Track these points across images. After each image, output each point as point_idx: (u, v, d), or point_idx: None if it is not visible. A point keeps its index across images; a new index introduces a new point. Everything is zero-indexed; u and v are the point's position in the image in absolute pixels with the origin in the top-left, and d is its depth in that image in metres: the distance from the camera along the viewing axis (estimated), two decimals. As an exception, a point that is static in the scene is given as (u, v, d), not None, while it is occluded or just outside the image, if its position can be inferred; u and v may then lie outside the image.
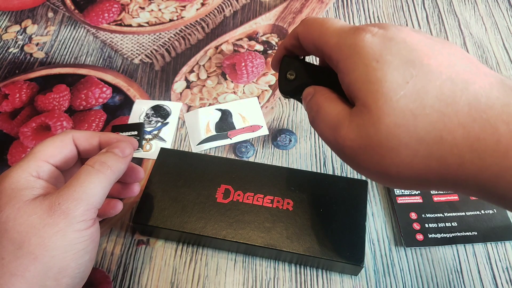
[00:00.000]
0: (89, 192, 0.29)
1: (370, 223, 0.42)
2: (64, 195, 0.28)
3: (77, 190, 0.28)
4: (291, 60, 0.32)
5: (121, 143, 0.33)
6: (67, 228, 0.27)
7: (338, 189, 0.40)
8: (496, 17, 0.60)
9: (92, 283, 0.39)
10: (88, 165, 0.30)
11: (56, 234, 0.27)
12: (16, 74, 0.56)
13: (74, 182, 0.29)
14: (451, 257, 0.39)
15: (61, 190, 0.28)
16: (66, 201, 0.28)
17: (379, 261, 0.39)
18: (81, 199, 0.28)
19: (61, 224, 0.27)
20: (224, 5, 0.64)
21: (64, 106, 0.53)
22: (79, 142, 0.33)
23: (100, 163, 0.30)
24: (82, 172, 0.30)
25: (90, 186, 0.29)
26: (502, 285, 0.38)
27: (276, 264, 0.39)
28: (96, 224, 0.30)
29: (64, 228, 0.27)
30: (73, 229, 0.27)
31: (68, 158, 0.33)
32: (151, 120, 0.51)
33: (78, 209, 0.28)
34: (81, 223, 0.28)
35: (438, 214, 0.41)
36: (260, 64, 0.56)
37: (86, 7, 0.64)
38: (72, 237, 0.27)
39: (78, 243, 0.28)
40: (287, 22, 0.61)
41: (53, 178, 0.31)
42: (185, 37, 0.61)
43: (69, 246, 0.27)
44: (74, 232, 0.27)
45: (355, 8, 0.63)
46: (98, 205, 0.29)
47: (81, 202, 0.28)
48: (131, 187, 0.38)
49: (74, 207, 0.28)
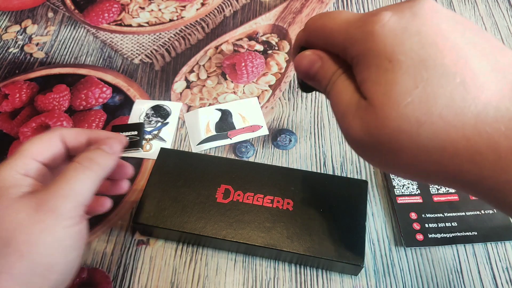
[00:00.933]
0: (76, 189, 0.28)
1: (370, 223, 0.42)
2: (52, 192, 0.28)
3: (64, 187, 0.28)
4: None
5: (109, 140, 0.33)
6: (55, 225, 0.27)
7: (338, 189, 0.40)
8: (496, 17, 0.60)
9: (92, 283, 0.39)
10: (76, 162, 0.30)
11: (44, 231, 0.27)
12: (16, 74, 0.56)
13: (61, 179, 0.29)
14: (451, 257, 0.39)
15: (48, 188, 0.28)
16: (53, 198, 0.28)
17: (379, 261, 0.39)
18: (68, 196, 0.28)
19: (48, 221, 0.27)
20: (224, 5, 0.64)
21: (64, 106, 0.53)
22: (67, 140, 0.33)
23: (87, 160, 0.30)
24: (70, 169, 0.29)
25: (78, 183, 0.29)
26: (502, 285, 0.38)
27: (276, 264, 0.39)
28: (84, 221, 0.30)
29: (52, 225, 0.27)
30: (61, 226, 0.27)
31: (56, 156, 0.32)
32: (151, 120, 0.51)
33: (65, 206, 0.28)
34: (69, 219, 0.28)
35: (438, 214, 0.41)
36: (260, 64, 0.56)
37: (86, 7, 0.64)
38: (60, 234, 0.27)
39: (66, 240, 0.28)
40: (287, 22, 0.61)
41: (41, 176, 0.31)
42: (185, 37, 0.61)
43: (57, 243, 0.27)
44: (62, 229, 0.27)
45: (355, 8, 0.63)
46: (86, 202, 0.29)
47: (68, 199, 0.28)
48: (120, 183, 0.37)
49: (61, 204, 0.28)
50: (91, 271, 0.40)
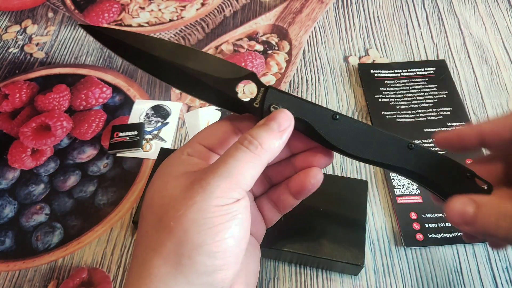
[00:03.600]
0: (232, 170, 0.26)
1: (370, 223, 0.42)
2: (209, 171, 0.27)
3: (220, 166, 0.27)
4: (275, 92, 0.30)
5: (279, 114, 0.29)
6: (202, 202, 0.25)
7: (338, 189, 0.40)
8: (496, 17, 0.60)
9: (92, 283, 0.39)
10: (239, 141, 0.28)
11: (191, 207, 0.25)
12: (16, 74, 0.56)
13: (221, 159, 0.27)
14: (451, 257, 0.39)
15: (209, 166, 0.27)
16: (208, 176, 0.26)
17: (379, 261, 0.39)
18: (222, 175, 0.26)
19: (197, 197, 0.25)
20: (224, 5, 0.64)
21: (64, 106, 0.53)
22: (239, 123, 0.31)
23: (249, 141, 0.27)
24: (231, 149, 0.28)
25: (235, 164, 0.27)
26: (502, 285, 0.38)
27: (276, 264, 0.39)
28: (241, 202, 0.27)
29: (200, 202, 0.25)
30: (208, 204, 0.25)
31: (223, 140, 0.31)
32: (151, 120, 0.51)
33: (218, 185, 0.26)
34: (219, 199, 0.26)
35: (438, 214, 0.41)
36: (260, 64, 0.56)
37: (86, 7, 0.64)
38: (206, 212, 0.25)
39: (214, 217, 0.25)
40: (287, 22, 0.61)
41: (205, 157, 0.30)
42: (185, 37, 0.61)
43: (203, 220, 0.25)
44: (209, 207, 0.25)
45: (355, 8, 0.63)
46: (244, 185, 0.27)
47: (222, 179, 0.26)
48: None
49: (214, 183, 0.26)
50: (91, 271, 0.40)
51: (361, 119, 0.50)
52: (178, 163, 0.29)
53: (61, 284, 0.39)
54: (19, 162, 0.48)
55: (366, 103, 0.51)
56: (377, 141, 0.29)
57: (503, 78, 0.53)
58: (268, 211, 0.33)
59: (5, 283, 0.40)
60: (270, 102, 0.29)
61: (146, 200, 0.28)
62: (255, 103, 0.30)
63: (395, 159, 0.29)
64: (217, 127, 0.31)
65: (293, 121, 0.29)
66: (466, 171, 0.28)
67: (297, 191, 0.32)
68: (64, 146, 0.49)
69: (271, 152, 0.28)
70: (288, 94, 0.29)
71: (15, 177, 0.47)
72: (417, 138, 0.47)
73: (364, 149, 0.29)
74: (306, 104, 0.29)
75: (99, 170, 0.47)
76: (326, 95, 0.52)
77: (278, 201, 0.33)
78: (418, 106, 0.50)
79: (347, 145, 0.29)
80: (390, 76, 0.53)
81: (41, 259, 0.41)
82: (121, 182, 0.46)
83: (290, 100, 0.29)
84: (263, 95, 0.30)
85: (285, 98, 0.29)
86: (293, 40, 0.59)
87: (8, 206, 0.45)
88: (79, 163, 0.48)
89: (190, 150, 0.30)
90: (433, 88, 0.52)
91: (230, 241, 0.26)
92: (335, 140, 0.29)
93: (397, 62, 0.55)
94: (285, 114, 0.29)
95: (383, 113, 0.49)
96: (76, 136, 0.50)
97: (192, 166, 0.28)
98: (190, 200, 0.25)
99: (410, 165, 0.29)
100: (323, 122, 0.29)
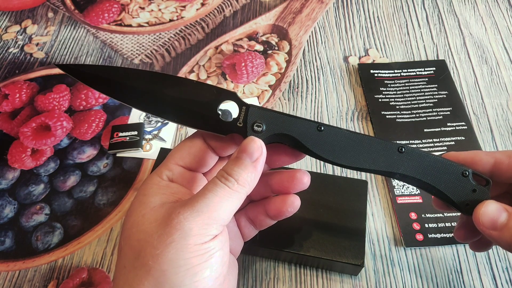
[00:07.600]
0: (211, 206, 0.26)
1: (370, 223, 0.42)
2: (187, 205, 0.26)
3: (199, 201, 0.26)
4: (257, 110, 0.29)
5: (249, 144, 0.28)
6: (181, 241, 0.24)
7: (338, 189, 0.40)
8: (496, 17, 0.60)
9: (92, 283, 0.39)
10: (217, 177, 0.27)
11: (169, 245, 0.24)
12: (16, 74, 0.56)
13: (199, 193, 0.26)
14: (451, 257, 0.39)
15: (187, 200, 0.26)
16: (186, 212, 0.25)
17: (379, 261, 0.39)
18: (201, 211, 0.25)
19: (175, 235, 0.25)
20: (224, 5, 0.64)
21: (64, 106, 0.53)
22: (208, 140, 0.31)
23: (225, 178, 0.27)
24: (210, 184, 0.27)
25: (214, 199, 0.26)
26: (502, 285, 0.38)
27: (276, 264, 0.39)
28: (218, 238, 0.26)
29: (178, 240, 0.24)
30: (187, 243, 0.24)
31: (199, 158, 0.30)
32: (151, 120, 0.51)
33: (196, 221, 0.25)
34: (197, 236, 0.25)
35: (438, 214, 0.41)
36: (260, 64, 0.56)
37: (86, 7, 0.64)
38: (185, 251, 0.24)
39: (192, 258, 0.24)
40: (287, 22, 0.61)
41: (186, 181, 0.30)
42: (185, 37, 0.61)
43: (182, 261, 0.24)
44: (187, 246, 0.24)
45: (355, 8, 0.63)
46: (222, 220, 0.26)
47: (200, 214, 0.25)
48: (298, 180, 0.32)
49: (192, 219, 0.25)
50: (91, 271, 0.40)
51: (361, 119, 0.50)
52: (156, 190, 0.28)
53: (61, 284, 0.39)
54: (19, 162, 0.48)
55: (366, 103, 0.51)
56: (366, 148, 0.29)
57: (503, 78, 0.53)
58: (245, 227, 0.33)
59: (5, 283, 0.40)
60: (253, 120, 0.29)
61: (124, 232, 0.27)
62: (238, 123, 0.29)
63: (387, 165, 0.29)
64: (191, 144, 0.30)
65: (264, 148, 0.28)
66: (461, 170, 0.28)
67: (275, 215, 0.32)
68: (64, 146, 0.49)
69: (248, 186, 0.28)
70: (270, 110, 0.29)
71: (15, 177, 0.47)
72: (417, 138, 0.47)
73: (353, 157, 0.29)
74: (289, 118, 0.29)
75: (99, 170, 0.47)
76: (326, 95, 0.52)
77: (256, 220, 0.33)
78: (418, 106, 0.50)
79: (335, 155, 0.29)
80: (390, 76, 0.53)
81: (41, 259, 0.41)
82: (121, 182, 0.46)
83: (273, 117, 0.29)
84: (245, 114, 0.29)
85: (267, 115, 0.29)
86: (293, 40, 0.59)
87: (8, 206, 0.45)
88: (79, 163, 0.48)
89: (169, 173, 0.29)
90: (433, 88, 0.52)
91: (209, 281, 0.25)
92: (323, 152, 0.29)
93: (397, 62, 0.55)
94: (254, 143, 0.28)
95: (383, 113, 0.49)
96: (76, 136, 0.50)
97: (170, 195, 0.28)
98: (168, 238, 0.25)
99: (402, 169, 0.28)
100: (308, 134, 0.29)
